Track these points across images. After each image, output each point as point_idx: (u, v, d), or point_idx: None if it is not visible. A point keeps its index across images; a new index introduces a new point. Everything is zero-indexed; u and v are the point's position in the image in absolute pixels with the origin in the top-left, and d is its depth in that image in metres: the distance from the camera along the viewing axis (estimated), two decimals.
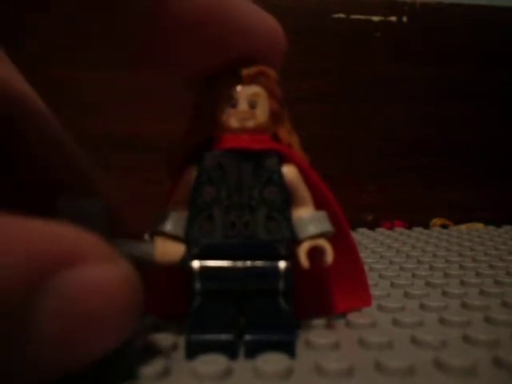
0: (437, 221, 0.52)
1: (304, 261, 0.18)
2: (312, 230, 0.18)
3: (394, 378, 0.15)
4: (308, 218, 0.18)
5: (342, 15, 0.54)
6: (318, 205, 0.19)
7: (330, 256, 0.18)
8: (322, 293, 0.21)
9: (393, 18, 0.54)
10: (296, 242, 0.18)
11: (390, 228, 0.51)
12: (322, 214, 0.19)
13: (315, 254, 0.18)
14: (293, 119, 0.19)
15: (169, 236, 0.18)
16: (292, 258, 0.18)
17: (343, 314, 0.21)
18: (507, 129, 0.58)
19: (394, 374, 0.16)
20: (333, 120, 0.54)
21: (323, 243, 0.18)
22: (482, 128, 0.57)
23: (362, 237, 0.46)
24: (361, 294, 0.21)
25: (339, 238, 0.19)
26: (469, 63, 0.56)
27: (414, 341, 0.18)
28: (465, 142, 0.57)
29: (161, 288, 0.21)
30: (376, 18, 0.54)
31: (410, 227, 0.51)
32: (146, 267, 0.20)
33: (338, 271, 0.20)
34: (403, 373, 0.16)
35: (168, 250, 0.18)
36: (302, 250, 0.18)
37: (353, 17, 0.54)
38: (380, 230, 0.50)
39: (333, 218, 0.19)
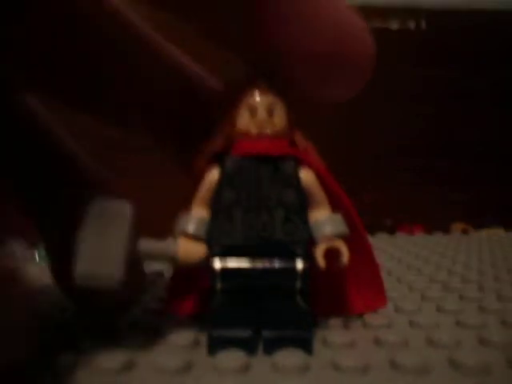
0: (457, 225, 0.52)
1: (321, 261, 0.18)
2: (328, 231, 0.19)
3: (408, 376, 0.16)
4: (324, 220, 0.19)
5: None
6: (334, 208, 0.20)
7: (345, 257, 0.19)
8: (338, 294, 0.22)
9: (411, 25, 0.55)
10: (313, 243, 0.19)
11: (410, 233, 0.51)
12: (338, 216, 0.19)
13: (332, 255, 0.19)
14: (312, 122, 0.20)
15: (191, 237, 0.19)
16: (309, 258, 0.19)
17: (360, 316, 0.22)
18: None
19: (409, 371, 0.16)
20: (347, 120, 0.55)
21: (339, 244, 0.19)
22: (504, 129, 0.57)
23: (380, 241, 0.46)
24: (376, 295, 0.22)
25: (355, 241, 0.19)
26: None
27: (430, 341, 0.19)
28: (488, 147, 0.57)
29: (181, 288, 0.21)
30: (394, 25, 0.54)
31: (429, 232, 0.51)
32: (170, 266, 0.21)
33: (354, 273, 0.20)
34: (418, 371, 0.16)
35: (190, 250, 0.19)
36: (319, 251, 0.19)
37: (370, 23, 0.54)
38: (399, 234, 0.50)
39: (348, 221, 0.19)
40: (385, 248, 0.42)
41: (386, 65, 0.54)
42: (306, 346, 0.17)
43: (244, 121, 0.19)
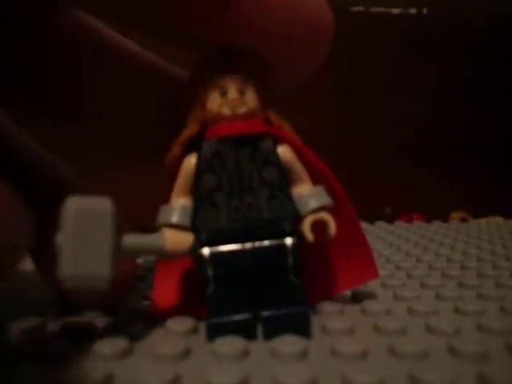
0: (455, 214, 0.52)
1: (309, 235, 0.18)
2: (312, 204, 0.19)
3: (406, 362, 0.16)
4: (307, 194, 0.19)
5: (360, 8, 0.54)
6: (316, 181, 0.20)
7: (332, 228, 0.19)
8: (328, 270, 0.22)
9: (412, 11, 0.54)
10: (299, 218, 0.19)
11: (409, 221, 0.51)
12: (320, 188, 0.19)
13: (318, 229, 0.19)
14: (314, 114, 0.20)
15: (176, 227, 0.19)
16: (298, 234, 0.19)
17: (358, 302, 0.22)
18: None
19: (408, 358, 0.16)
20: (353, 113, 0.54)
21: (325, 216, 0.19)
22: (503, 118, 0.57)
23: (380, 230, 0.46)
24: (367, 266, 0.22)
25: (339, 211, 0.20)
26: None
27: (428, 328, 0.19)
28: (486, 140, 0.57)
29: (168, 290, 0.21)
30: (395, 11, 0.54)
31: (428, 221, 0.51)
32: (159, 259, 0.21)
33: (342, 244, 0.20)
34: (416, 357, 0.16)
35: (177, 240, 0.18)
36: (306, 225, 0.19)
37: (372, 10, 0.54)
38: (398, 223, 0.50)
39: (331, 192, 0.20)
40: (384, 236, 0.42)
41: (387, 53, 0.54)
42: (303, 321, 0.18)
43: (216, 103, 0.19)
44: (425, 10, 0.54)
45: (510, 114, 0.56)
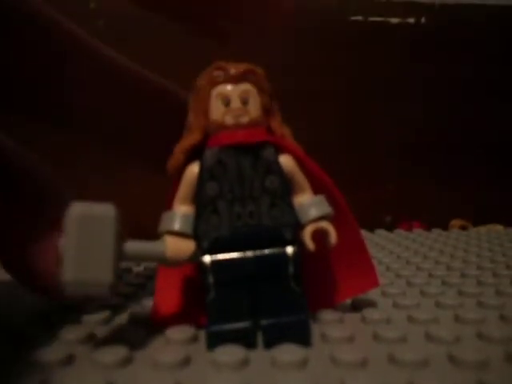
0: (456, 222, 0.52)
1: (309, 244, 0.19)
2: (313, 213, 0.19)
3: (406, 370, 0.16)
4: (308, 203, 0.19)
5: (359, 17, 0.54)
6: (316, 190, 0.20)
7: (333, 237, 0.19)
8: (328, 279, 0.22)
9: (411, 20, 0.54)
10: (300, 226, 0.19)
11: (408, 229, 0.51)
12: (321, 197, 0.20)
13: (319, 238, 0.19)
14: (314, 116, 0.20)
15: (177, 234, 0.19)
16: (299, 242, 0.19)
17: (358, 310, 0.22)
18: None
19: (408, 366, 0.16)
20: (352, 117, 0.54)
21: (326, 225, 0.19)
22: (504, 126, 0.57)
23: (379, 238, 0.46)
24: (367, 275, 0.22)
25: (340, 221, 0.20)
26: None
27: (428, 336, 0.19)
28: (487, 142, 0.57)
29: (169, 297, 0.21)
30: (394, 20, 0.54)
31: (428, 229, 0.51)
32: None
33: (343, 255, 0.21)
34: (416, 365, 0.16)
35: (178, 247, 0.19)
36: (306, 234, 0.19)
37: (371, 19, 0.54)
38: (398, 231, 0.50)
39: (332, 201, 0.20)
40: (384, 244, 0.42)
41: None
42: (303, 329, 0.18)
43: (219, 112, 0.19)
44: (423, 20, 0.54)
45: (510, 114, 0.56)
